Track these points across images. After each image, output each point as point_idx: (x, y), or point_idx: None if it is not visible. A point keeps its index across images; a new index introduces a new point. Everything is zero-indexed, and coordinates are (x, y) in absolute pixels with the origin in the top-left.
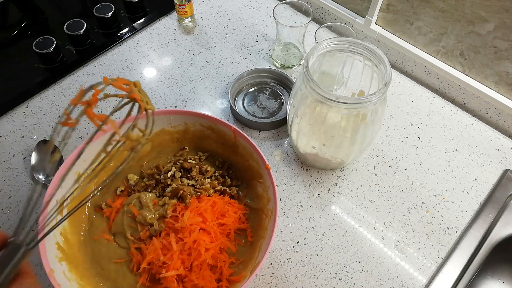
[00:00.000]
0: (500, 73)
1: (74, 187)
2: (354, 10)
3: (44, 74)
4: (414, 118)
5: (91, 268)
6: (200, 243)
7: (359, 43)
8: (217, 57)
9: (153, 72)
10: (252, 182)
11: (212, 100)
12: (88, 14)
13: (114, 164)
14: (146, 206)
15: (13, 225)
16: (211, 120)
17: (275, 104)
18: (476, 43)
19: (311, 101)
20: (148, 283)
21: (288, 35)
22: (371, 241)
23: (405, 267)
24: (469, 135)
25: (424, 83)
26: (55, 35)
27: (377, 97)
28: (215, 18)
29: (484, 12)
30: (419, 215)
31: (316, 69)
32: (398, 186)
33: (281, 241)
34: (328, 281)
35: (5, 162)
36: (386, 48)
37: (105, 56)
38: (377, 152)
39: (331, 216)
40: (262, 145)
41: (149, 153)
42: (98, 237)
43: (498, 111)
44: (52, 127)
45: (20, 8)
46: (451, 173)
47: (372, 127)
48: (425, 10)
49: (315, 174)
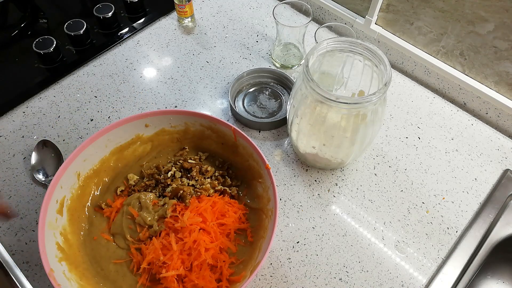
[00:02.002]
0: (500, 73)
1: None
2: (354, 10)
3: (44, 74)
4: (414, 118)
5: (91, 268)
6: (200, 243)
7: (359, 43)
8: (217, 57)
9: (153, 72)
10: (252, 182)
11: (212, 100)
12: (88, 14)
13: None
14: (145, 207)
15: (13, 225)
16: (211, 120)
17: (275, 104)
18: (476, 43)
19: (311, 101)
20: (148, 283)
21: (288, 35)
22: (371, 241)
23: (405, 267)
24: (469, 135)
25: (424, 83)
26: (55, 35)
27: (377, 97)
28: (215, 18)
29: (484, 12)
30: (419, 215)
31: (316, 69)
32: (398, 186)
33: (281, 241)
34: (328, 281)
35: (5, 162)
36: (386, 48)
37: (105, 56)
38: (377, 152)
39: (331, 216)
40: (262, 145)
41: (149, 153)
42: (97, 237)
43: (498, 111)
44: (52, 127)
45: (20, 8)
46: (451, 173)
47: (372, 127)
48: (425, 10)
49: (315, 174)
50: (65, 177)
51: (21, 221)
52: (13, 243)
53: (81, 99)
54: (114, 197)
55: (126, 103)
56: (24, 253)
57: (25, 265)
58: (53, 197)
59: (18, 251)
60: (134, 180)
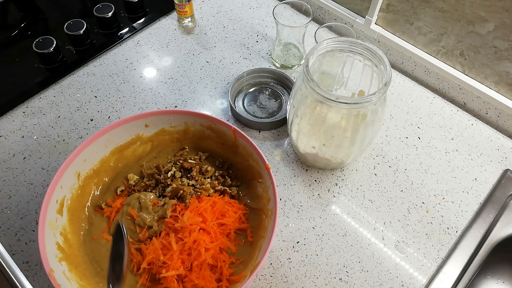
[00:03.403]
0: (500, 73)
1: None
2: (354, 10)
3: (44, 74)
4: (414, 118)
5: (91, 268)
6: (200, 243)
7: (359, 43)
8: (217, 57)
9: (153, 72)
10: (252, 182)
11: (212, 100)
12: (88, 14)
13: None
14: (145, 207)
15: (13, 225)
16: (211, 120)
17: (275, 104)
18: (476, 43)
19: (311, 101)
20: (148, 283)
21: (288, 35)
22: (371, 241)
23: (405, 267)
24: (469, 135)
25: (424, 83)
26: (55, 35)
27: (377, 97)
28: (215, 18)
29: (484, 12)
30: (419, 215)
31: (316, 69)
32: (398, 186)
33: (281, 241)
34: (328, 281)
35: (5, 162)
36: (386, 48)
37: (105, 56)
38: (377, 152)
39: (331, 216)
40: (262, 145)
41: (149, 153)
42: (98, 237)
43: (498, 111)
44: (52, 127)
45: (20, 8)
46: (451, 173)
47: (372, 127)
48: (425, 10)
49: (315, 174)
50: (65, 177)
51: (21, 221)
52: (13, 243)
53: (81, 99)
54: (114, 197)
55: (126, 103)
56: (24, 253)
57: (25, 265)
58: (53, 197)
59: (18, 251)
60: (134, 180)
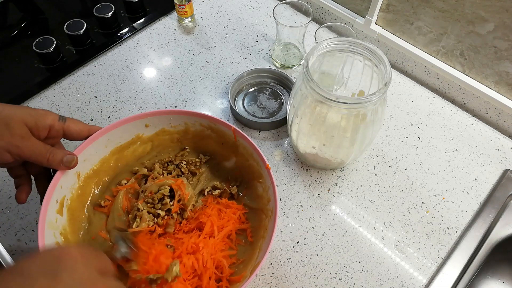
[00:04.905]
0: (500, 73)
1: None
2: (354, 10)
3: (44, 74)
4: (414, 118)
5: None
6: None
7: (359, 43)
8: (217, 57)
9: (153, 72)
10: (252, 182)
11: (212, 100)
12: (88, 14)
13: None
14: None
15: (13, 225)
16: (211, 120)
17: (275, 104)
18: (476, 43)
19: (311, 101)
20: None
21: (288, 35)
22: (371, 241)
23: (405, 267)
24: (469, 135)
25: (424, 83)
26: (55, 35)
27: (377, 97)
28: (215, 18)
29: (484, 12)
30: (419, 215)
31: (316, 69)
32: (398, 186)
33: (281, 241)
34: (328, 281)
35: None
36: (386, 48)
37: (105, 56)
38: (377, 152)
39: (331, 216)
40: (262, 145)
41: (149, 153)
42: (96, 236)
43: (498, 111)
44: None
45: (20, 8)
46: (451, 173)
47: (372, 127)
48: (425, 10)
49: (315, 174)
50: (65, 177)
51: (21, 221)
52: (13, 243)
53: (81, 99)
54: (113, 191)
55: (126, 103)
56: (24, 253)
57: None
58: (53, 197)
59: (18, 251)
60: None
